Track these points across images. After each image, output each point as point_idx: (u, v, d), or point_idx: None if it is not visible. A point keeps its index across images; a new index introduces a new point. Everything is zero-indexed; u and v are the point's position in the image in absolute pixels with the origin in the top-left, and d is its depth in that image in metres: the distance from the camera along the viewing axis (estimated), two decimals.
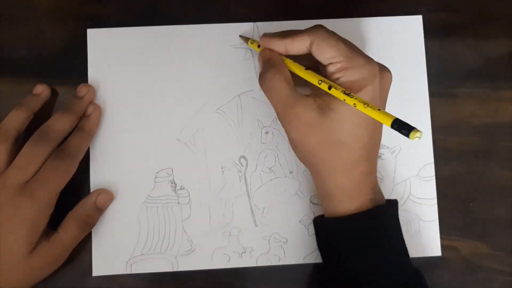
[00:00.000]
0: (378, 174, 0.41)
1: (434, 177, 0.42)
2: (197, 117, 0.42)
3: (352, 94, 0.32)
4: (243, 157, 0.42)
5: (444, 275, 0.42)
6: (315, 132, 0.34)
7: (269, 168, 0.42)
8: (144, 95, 0.42)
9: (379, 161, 0.42)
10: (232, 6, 0.44)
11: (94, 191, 0.40)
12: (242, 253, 0.41)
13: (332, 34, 0.35)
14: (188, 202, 0.41)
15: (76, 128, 0.40)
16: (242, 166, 0.42)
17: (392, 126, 0.29)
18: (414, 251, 0.41)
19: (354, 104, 0.32)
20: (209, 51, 0.43)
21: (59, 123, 0.38)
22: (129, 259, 0.40)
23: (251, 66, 0.43)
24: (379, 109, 0.31)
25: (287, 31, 0.38)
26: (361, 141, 0.35)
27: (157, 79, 0.42)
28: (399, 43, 0.43)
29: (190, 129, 0.42)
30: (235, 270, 0.41)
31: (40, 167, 0.36)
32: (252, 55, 0.43)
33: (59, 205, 0.38)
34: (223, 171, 0.42)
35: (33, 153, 0.36)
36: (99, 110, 0.41)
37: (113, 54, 0.42)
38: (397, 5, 0.44)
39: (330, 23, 0.42)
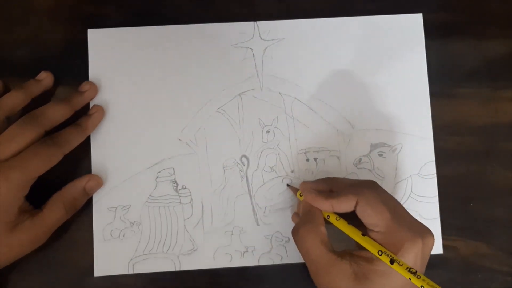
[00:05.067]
0: (379, 172, 0.42)
1: (435, 175, 0.42)
2: (198, 117, 0.42)
3: (419, 274, 0.31)
4: (245, 156, 0.42)
5: (444, 275, 0.42)
6: None
7: (271, 167, 0.42)
8: (145, 95, 0.42)
9: (381, 159, 0.42)
10: (232, 5, 0.44)
11: (85, 176, 0.40)
12: (244, 252, 0.41)
13: (379, 196, 0.34)
14: (190, 202, 0.41)
15: (74, 123, 0.40)
16: (244, 165, 0.42)
17: None
18: None
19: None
20: (209, 50, 0.43)
21: (51, 110, 0.38)
22: (131, 259, 0.40)
23: (252, 65, 0.43)
24: None
25: (330, 180, 0.38)
26: None
27: (157, 79, 0.42)
28: (399, 41, 0.43)
29: (191, 129, 0.42)
30: (237, 269, 0.41)
31: (23, 149, 0.36)
32: (253, 54, 0.43)
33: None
34: (224, 170, 0.42)
35: (17, 133, 0.36)
36: (101, 113, 0.41)
37: (114, 54, 0.42)
38: (397, 5, 0.44)
39: (329, 22, 0.43)
